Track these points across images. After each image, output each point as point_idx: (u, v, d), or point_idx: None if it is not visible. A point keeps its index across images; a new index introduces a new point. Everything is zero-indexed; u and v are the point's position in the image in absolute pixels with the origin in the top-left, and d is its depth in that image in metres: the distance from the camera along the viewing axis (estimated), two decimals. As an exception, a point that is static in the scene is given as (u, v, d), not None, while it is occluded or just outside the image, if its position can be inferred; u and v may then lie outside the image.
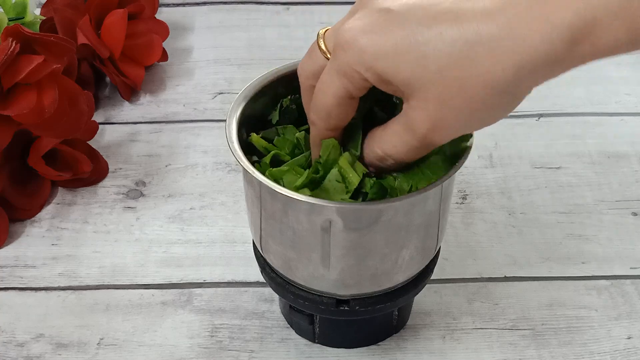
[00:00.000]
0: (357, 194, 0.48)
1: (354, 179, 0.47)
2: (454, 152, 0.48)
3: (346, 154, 0.48)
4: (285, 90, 0.53)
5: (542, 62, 0.40)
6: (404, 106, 0.44)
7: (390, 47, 0.42)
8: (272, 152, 0.51)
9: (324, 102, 0.46)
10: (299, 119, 0.53)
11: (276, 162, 0.51)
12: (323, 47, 0.46)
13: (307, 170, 0.48)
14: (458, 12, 0.41)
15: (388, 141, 0.46)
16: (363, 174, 0.48)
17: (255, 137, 0.51)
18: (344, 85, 0.44)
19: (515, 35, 0.39)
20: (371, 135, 0.47)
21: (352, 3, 0.46)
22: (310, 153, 0.50)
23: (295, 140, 0.52)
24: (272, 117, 0.53)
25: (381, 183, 0.48)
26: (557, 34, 0.39)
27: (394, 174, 0.48)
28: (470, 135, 0.48)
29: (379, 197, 0.48)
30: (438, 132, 0.43)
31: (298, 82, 0.51)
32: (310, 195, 0.47)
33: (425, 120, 0.43)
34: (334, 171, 0.48)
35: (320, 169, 0.48)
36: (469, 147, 0.48)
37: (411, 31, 0.41)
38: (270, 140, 0.52)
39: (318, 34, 0.46)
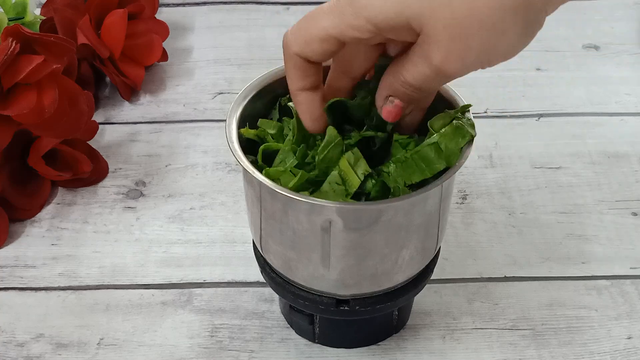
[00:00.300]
0: (360, 196, 0.48)
1: (355, 181, 0.47)
2: (449, 149, 0.48)
3: (347, 154, 0.48)
4: (285, 90, 0.53)
5: None
6: (419, 39, 0.43)
7: None
8: (263, 145, 0.50)
9: (310, 30, 0.44)
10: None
11: (268, 156, 0.51)
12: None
13: (301, 170, 0.48)
14: None
15: (406, 69, 0.44)
16: (364, 175, 0.48)
17: (244, 130, 0.51)
18: (339, 28, 0.43)
19: None
20: (394, 63, 0.46)
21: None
22: (294, 136, 0.50)
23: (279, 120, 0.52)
24: (272, 116, 0.53)
25: (384, 182, 0.48)
26: None
27: (390, 167, 0.48)
28: (469, 135, 0.48)
29: (382, 196, 0.48)
30: (450, 63, 0.42)
31: None
32: (305, 194, 0.47)
33: (437, 52, 0.42)
34: (334, 173, 0.47)
35: (316, 165, 0.48)
36: (465, 144, 0.48)
37: None
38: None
39: None
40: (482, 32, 0.41)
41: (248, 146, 0.51)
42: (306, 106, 0.48)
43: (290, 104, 0.51)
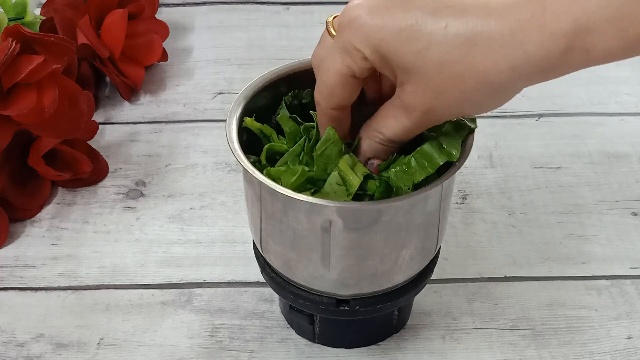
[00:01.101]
0: (363, 197, 0.48)
1: (355, 181, 0.47)
2: (451, 145, 0.48)
3: (346, 156, 0.48)
4: (286, 90, 0.53)
5: (536, 68, 0.42)
6: (398, 90, 0.45)
7: (394, 31, 0.43)
8: (268, 145, 0.50)
9: (327, 81, 0.46)
10: (302, 114, 0.53)
11: (272, 157, 0.51)
12: (332, 32, 0.46)
13: (301, 168, 0.48)
14: (464, 6, 0.42)
15: (386, 125, 0.47)
16: (364, 175, 0.48)
17: (249, 120, 0.51)
18: (346, 64, 0.45)
19: (515, 40, 0.41)
20: (367, 125, 0.48)
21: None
22: (305, 141, 0.50)
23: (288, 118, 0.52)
24: (281, 113, 0.53)
25: (387, 182, 0.48)
26: (554, 42, 0.41)
27: (390, 172, 0.48)
28: (469, 128, 0.48)
29: (386, 197, 0.48)
30: (431, 117, 0.45)
31: (298, 81, 0.51)
32: (306, 193, 0.47)
33: (419, 105, 0.45)
34: (334, 174, 0.47)
35: (314, 163, 0.48)
36: (466, 141, 0.48)
37: (416, 19, 0.42)
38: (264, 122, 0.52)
39: (327, 21, 0.47)
40: (465, 98, 0.44)
41: (248, 145, 0.51)
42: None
43: (312, 112, 0.51)
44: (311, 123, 0.51)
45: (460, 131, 0.48)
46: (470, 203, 0.68)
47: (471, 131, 0.48)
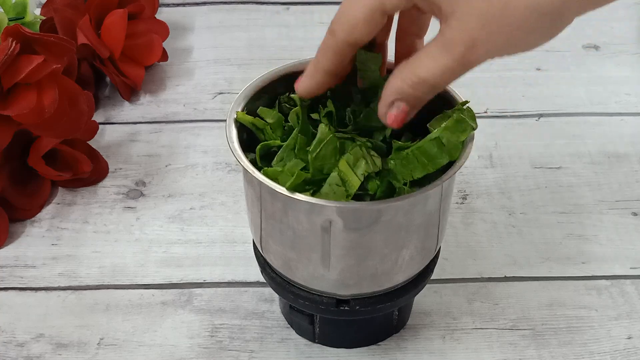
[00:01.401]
0: (365, 197, 0.48)
1: (355, 182, 0.47)
2: (451, 143, 0.47)
3: (347, 155, 0.48)
4: (286, 90, 0.53)
5: None
6: (442, 27, 0.43)
7: None
8: (260, 145, 0.50)
9: (352, 13, 0.44)
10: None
11: (267, 153, 0.51)
12: None
13: (298, 170, 0.48)
14: None
15: (423, 65, 0.43)
16: (364, 176, 0.47)
17: (240, 114, 0.51)
18: None
19: None
20: (403, 64, 0.45)
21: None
22: (297, 134, 0.50)
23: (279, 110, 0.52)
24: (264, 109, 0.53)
25: (389, 182, 0.48)
26: None
27: (390, 164, 0.48)
28: (470, 127, 0.48)
29: (387, 197, 0.48)
30: (475, 52, 0.42)
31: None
32: (305, 194, 0.46)
33: (463, 40, 0.42)
34: (334, 175, 0.47)
35: (310, 164, 0.48)
36: (467, 140, 0.48)
37: None
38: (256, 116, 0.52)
39: None
40: (513, 28, 0.41)
41: (248, 144, 0.51)
42: (319, 85, 0.48)
43: (293, 95, 0.51)
44: (296, 109, 0.51)
45: (461, 129, 0.48)
46: (470, 203, 0.68)
47: (472, 131, 0.48)
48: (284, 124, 0.52)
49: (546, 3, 0.40)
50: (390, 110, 0.46)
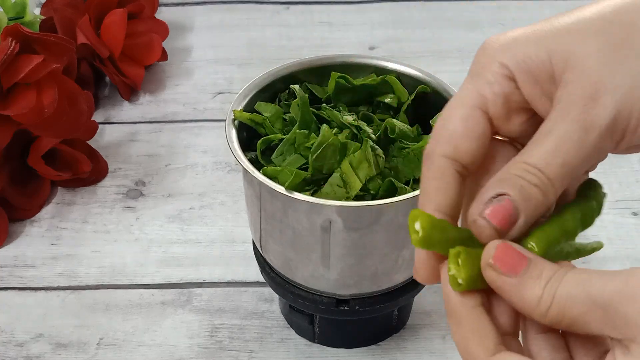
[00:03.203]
0: (365, 196, 0.48)
1: (356, 184, 0.47)
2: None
3: (349, 157, 0.47)
4: (284, 86, 0.53)
5: None
6: (559, 91, 0.32)
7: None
8: (261, 140, 0.50)
9: (447, 119, 0.34)
10: None
11: (268, 148, 0.51)
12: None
13: (296, 170, 0.48)
14: None
15: (531, 148, 0.32)
16: (365, 179, 0.47)
17: (237, 112, 0.51)
18: (477, 88, 0.33)
19: None
20: (514, 158, 0.33)
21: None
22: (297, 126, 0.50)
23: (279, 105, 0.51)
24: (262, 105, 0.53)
25: (392, 182, 0.48)
26: None
27: (392, 162, 0.48)
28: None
29: (388, 196, 0.48)
30: (618, 125, 0.31)
31: (298, 80, 0.51)
32: (305, 193, 0.46)
33: (604, 114, 0.31)
34: (336, 175, 0.47)
35: (310, 164, 0.48)
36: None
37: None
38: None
39: None
40: None
41: (247, 144, 0.51)
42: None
43: (293, 86, 0.51)
44: (296, 100, 0.51)
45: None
46: (470, 203, 0.68)
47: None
48: (283, 116, 0.52)
49: None
50: (488, 205, 0.32)
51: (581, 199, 0.36)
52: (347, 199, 0.47)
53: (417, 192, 0.46)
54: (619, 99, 0.31)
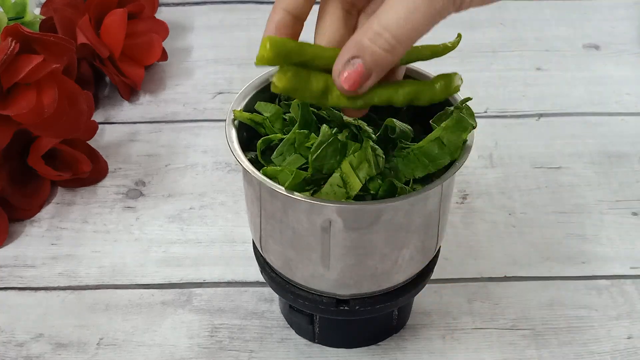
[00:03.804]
0: (365, 196, 0.48)
1: (356, 185, 0.47)
2: (452, 142, 0.47)
3: (350, 157, 0.47)
4: None
5: None
6: None
7: None
8: (261, 140, 0.50)
9: None
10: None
11: (268, 148, 0.51)
12: None
13: (296, 170, 0.48)
14: None
15: (383, 12, 0.38)
16: (365, 179, 0.47)
17: (237, 112, 0.51)
18: None
19: None
20: (370, 18, 0.40)
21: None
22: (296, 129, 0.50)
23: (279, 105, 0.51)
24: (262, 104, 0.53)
25: (392, 182, 0.48)
26: None
27: (391, 163, 0.48)
28: (471, 126, 0.48)
29: (389, 196, 0.48)
30: None
31: None
32: (305, 193, 0.46)
33: None
34: (336, 175, 0.47)
35: (310, 164, 0.48)
36: (467, 141, 0.48)
37: None
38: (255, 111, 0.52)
39: None
40: None
41: (247, 144, 0.51)
42: (277, 24, 0.45)
43: (293, 104, 0.51)
44: (296, 100, 0.51)
45: (462, 128, 0.48)
46: (470, 203, 0.68)
47: (472, 128, 0.48)
48: (283, 116, 0.51)
49: None
50: (345, 68, 0.40)
51: None
52: (347, 199, 0.47)
53: (417, 192, 0.46)
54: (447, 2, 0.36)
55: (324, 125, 0.48)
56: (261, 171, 0.47)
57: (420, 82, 0.45)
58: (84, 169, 0.68)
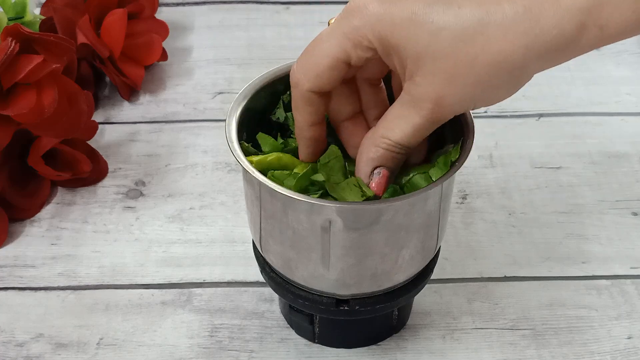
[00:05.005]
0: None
1: (369, 193, 0.47)
2: (438, 175, 0.49)
3: (356, 178, 0.48)
4: (286, 87, 0.53)
5: (551, 45, 0.41)
6: (406, 85, 0.44)
7: (406, 17, 0.42)
8: (268, 175, 0.50)
9: (317, 61, 0.45)
10: None
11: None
12: None
13: (302, 172, 0.48)
14: None
15: (392, 127, 0.45)
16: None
17: (244, 145, 0.51)
18: (344, 48, 0.44)
19: (528, 17, 0.40)
20: (372, 131, 0.46)
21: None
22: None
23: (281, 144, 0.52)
24: (277, 114, 0.53)
25: (395, 188, 0.48)
26: (568, 17, 0.40)
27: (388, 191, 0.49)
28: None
29: (389, 196, 0.48)
30: (442, 108, 0.43)
31: None
32: (313, 195, 0.47)
33: (431, 96, 0.43)
34: (353, 178, 0.48)
35: (318, 169, 0.48)
36: (466, 141, 0.49)
37: (428, 4, 0.41)
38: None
39: (329, 22, 0.47)
40: (478, 84, 0.42)
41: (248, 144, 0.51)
42: (314, 142, 0.49)
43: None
44: (292, 139, 0.51)
45: (448, 165, 0.49)
46: (470, 203, 0.68)
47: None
48: (281, 149, 0.52)
49: (509, 61, 0.41)
50: (372, 179, 0.47)
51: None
52: (361, 197, 0.47)
53: (417, 192, 0.46)
54: (457, 108, 0.44)
55: (332, 145, 0.49)
56: (268, 174, 0.48)
57: (424, 166, 0.50)
58: (84, 169, 0.68)
